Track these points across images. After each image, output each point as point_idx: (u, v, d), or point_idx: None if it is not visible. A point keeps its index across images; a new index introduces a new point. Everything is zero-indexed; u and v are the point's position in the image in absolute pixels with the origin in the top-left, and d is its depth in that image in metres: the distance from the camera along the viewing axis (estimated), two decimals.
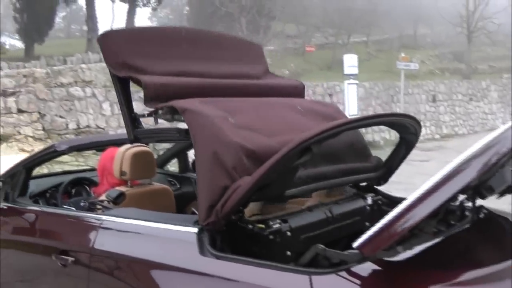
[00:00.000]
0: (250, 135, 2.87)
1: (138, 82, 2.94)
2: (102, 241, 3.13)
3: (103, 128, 12.73)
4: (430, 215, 2.11)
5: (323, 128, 2.56)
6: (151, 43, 3.22)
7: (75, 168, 8.90)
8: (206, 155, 2.75)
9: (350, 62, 15.71)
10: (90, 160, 10.76)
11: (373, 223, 3.31)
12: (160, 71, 3.08)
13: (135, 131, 3.12)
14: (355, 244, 2.13)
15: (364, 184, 3.65)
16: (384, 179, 3.61)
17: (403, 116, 3.15)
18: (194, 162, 2.85)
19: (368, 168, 3.53)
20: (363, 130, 3.83)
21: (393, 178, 3.57)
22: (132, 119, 3.12)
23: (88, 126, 12.53)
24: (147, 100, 2.92)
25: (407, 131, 3.28)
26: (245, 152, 2.75)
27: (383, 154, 3.72)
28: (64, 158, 9.87)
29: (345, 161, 3.30)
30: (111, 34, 3.22)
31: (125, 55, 3.02)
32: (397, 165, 3.57)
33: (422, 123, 13.34)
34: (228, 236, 2.77)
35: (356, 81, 15.63)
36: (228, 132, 2.78)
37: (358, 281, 2.21)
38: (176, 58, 3.27)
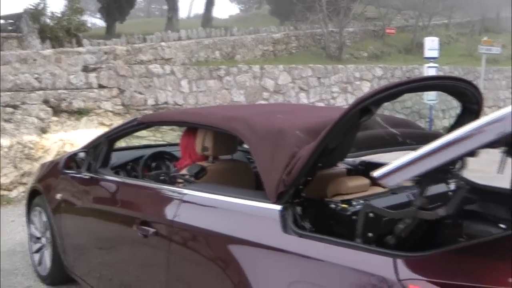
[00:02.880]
0: (297, 118, 3.15)
1: None
2: (183, 214, 3.14)
3: (180, 105, 12.87)
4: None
5: (381, 88, 2.54)
6: None
7: (152, 143, 9.05)
8: (264, 142, 2.93)
9: (431, 45, 15.28)
10: (167, 135, 10.91)
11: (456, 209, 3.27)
12: None
13: None
14: (375, 173, 2.26)
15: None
16: None
17: (462, 81, 3.04)
18: None
19: (428, 136, 3.47)
20: None
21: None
22: None
23: (166, 103, 12.68)
24: None
25: (468, 100, 3.17)
26: (298, 128, 2.89)
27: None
28: (142, 133, 10.04)
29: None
30: None
31: None
32: None
33: None
34: (310, 215, 2.73)
35: (436, 65, 15.21)
36: (279, 120, 3.09)
37: (442, 267, 2.12)
38: None
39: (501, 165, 2.91)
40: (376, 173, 2.27)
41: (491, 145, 2.34)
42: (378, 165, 3.97)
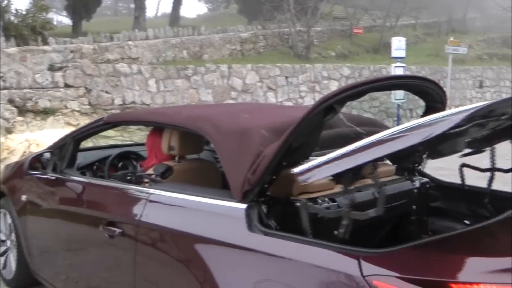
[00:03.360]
0: (263, 118, 3.17)
1: None
2: (149, 214, 3.13)
3: (148, 105, 12.82)
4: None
5: (345, 87, 2.58)
6: None
7: (120, 143, 8.99)
8: (229, 141, 2.94)
9: (398, 45, 15.44)
10: (135, 135, 10.84)
11: (420, 206, 3.34)
12: None
13: None
14: (295, 170, 2.45)
15: (411, 166, 3.61)
16: (417, 149, 3.56)
17: (425, 81, 3.12)
18: None
19: None
20: None
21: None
22: None
23: (133, 102, 12.63)
24: None
25: (432, 99, 3.24)
26: (263, 127, 2.91)
27: None
28: (110, 133, 9.97)
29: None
30: None
31: None
32: None
33: None
34: (275, 213, 2.75)
35: (403, 64, 15.37)
36: (244, 120, 3.11)
37: (405, 262, 2.17)
38: None
39: (422, 166, 3.03)
40: (296, 169, 2.41)
41: (413, 147, 2.43)
42: None
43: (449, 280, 2.02)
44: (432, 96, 3.18)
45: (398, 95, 14.80)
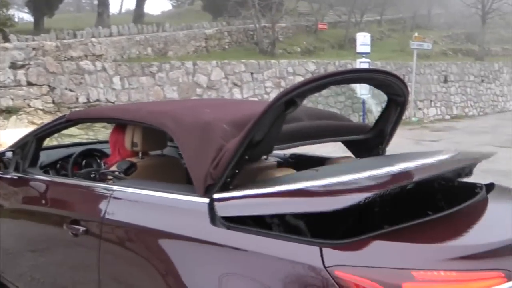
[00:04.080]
0: (225, 112, 3.17)
1: None
2: (113, 211, 3.11)
3: (113, 102, 12.72)
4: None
5: (305, 80, 2.59)
6: None
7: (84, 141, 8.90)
8: (191, 136, 2.94)
9: (363, 41, 15.60)
10: (99, 134, 10.76)
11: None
12: None
13: None
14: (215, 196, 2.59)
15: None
16: (379, 142, 3.65)
17: (386, 74, 3.16)
18: None
19: (354, 128, 3.61)
20: None
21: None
22: None
23: (98, 100, 12.51)
24: None
25: (394, 92, 3.29)
26: (224, 121, 2.91)
27: None
28: (74, 131, 9.88)
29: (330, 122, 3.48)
30: None
31: None
32: (391, 129, 3.61)
33: (433, 104, 13.46)
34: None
35: (368, 60, 15.53)
36: (206, 114, 3.09)
37: (366, 252, 2.18)
38: None
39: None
40: (216, 195, 2.59)
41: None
42: (308, 158, 4.06)
43: (410, 268, 2.05)
44: (393, 89, 3.23)
45: (364, 90, 14.93)
